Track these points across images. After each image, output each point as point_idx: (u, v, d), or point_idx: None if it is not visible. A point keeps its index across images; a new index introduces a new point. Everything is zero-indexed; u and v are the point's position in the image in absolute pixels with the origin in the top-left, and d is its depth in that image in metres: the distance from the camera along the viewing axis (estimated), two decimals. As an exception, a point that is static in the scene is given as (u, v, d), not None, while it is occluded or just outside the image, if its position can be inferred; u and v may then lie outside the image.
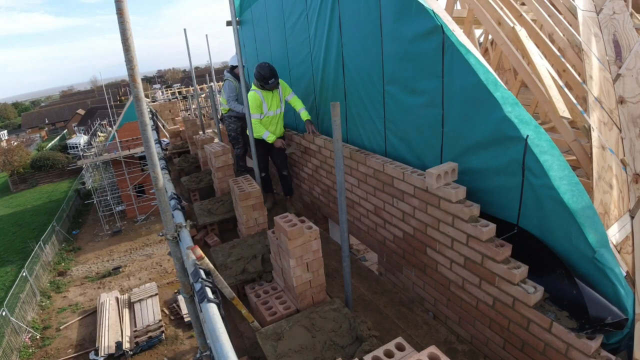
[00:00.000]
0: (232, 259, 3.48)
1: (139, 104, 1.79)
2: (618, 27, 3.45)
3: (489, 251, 2.23)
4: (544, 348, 2.04)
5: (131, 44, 1.66)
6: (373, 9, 3.06)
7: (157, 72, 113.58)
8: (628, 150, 2.75)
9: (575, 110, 2.61)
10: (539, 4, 3.30)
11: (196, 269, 2.06)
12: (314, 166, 4.57)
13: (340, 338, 2.36)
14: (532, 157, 2.10)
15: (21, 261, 17.46)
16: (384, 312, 3.01)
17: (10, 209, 26.96)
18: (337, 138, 2.34)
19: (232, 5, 4.58)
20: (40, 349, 12.29)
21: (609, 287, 1.95)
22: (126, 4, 1.63)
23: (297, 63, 4.81)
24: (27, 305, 13.92)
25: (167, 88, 43.77)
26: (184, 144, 8.54)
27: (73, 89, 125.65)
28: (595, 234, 1.97)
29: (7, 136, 49.91)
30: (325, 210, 4.57)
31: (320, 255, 2.78)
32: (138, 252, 17.97)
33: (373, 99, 3.37)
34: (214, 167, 5.12)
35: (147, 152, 1.90)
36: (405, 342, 1.94)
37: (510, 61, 3.94)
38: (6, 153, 32.93)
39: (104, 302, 12.87)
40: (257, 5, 5.71)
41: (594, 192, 2.30)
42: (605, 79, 3.03)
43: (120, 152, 19.29)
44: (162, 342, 11.70)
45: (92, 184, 21.94)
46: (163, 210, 2.07)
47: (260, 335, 2.44)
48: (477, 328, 2.49)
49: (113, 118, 24.23)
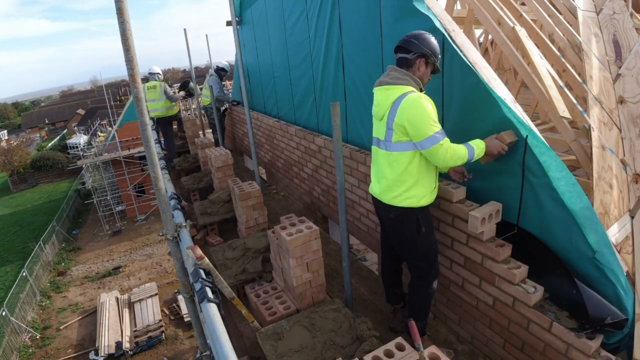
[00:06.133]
0: (232, 259, 3.48)
1: (139, 104, 1.79)
2: (618, 27, 3.45)
3: (489, 251, 2.23)
4: (544, 348, 2.04)
5: (131, 44, 1.66)
6: (373, 9, 3.06)
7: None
8: (628, 150, 2.75)
9: (575, 110, 2.61)
10: (539, 4, 3.30)
11: (196, 269, 2.06)
12: (314, 166, 4.57)
13: (340, 338, 2.36)
14: (532, 157, 2.10)
15: (21, 261, 17.45)
16: (384, 312, 3.01)
17: (10, 209, 26.95)
18: (337, 138, 2.34)
19: (232, 5, 4.59)
20: (40, 349, 12.28)
21: (609, 287, 1.95)
22: (126, 4, 1.63)
23: (297, 63, 4.81)
24: (27, 305, 13.91)
25: (167, 88, 43.61)
26: (184, 144, 8.54)
27: (73, 89, 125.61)
28: (595, 235, 1.97)
29: (7, 136, 49.88)
30: (325, 210, 4.57)
31: (320, 255, 2.78)
32: (138, 252, 17.96)
33: (373, 98, 3.36)
34: (214, 167, 5.12)
35: (147, 152, 1.90)
36: (405, 342, 1.93)
37: (510, 61, 3.94)
38: (6, 153, 32.91)
39: (104, 302, 12.87)
40: (257, 5, 5.71)
41: (594, 192, 2.30)
42: (605, 79, 3.03)
43: (120, 152, 19.28)
44: (162, 342, 11.70)
45: (92, 184, 21.92)
46: (163, 210, 2.07)
47: (260, 335, 2.44)
48: (477, 328, 2.49)
49: (113, 118, 24.21)
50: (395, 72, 2.25)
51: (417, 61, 2.22)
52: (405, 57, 2.23)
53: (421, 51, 2.20)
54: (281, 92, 5.60)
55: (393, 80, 2.22)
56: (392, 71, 2.27)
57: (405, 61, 2.24)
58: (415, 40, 2.21)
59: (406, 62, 2.24)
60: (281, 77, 5.47)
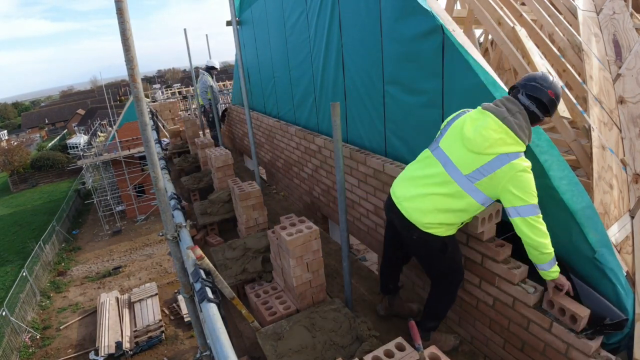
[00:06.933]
0: (232, 259, 3.48)
1: (139, 104, 1.78)
2: (618, 27, 3.45)
3: (489, 251, 2.23)
4: (544, 348, 2.03)
5: (131, 44, 1.66)
6: (373, 9, 3.06)
7: (157, 72, 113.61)
8: (628, 150, 2.75)
9: (575, 110, 2.61)
10: (539, 4, 3.30)
11: (196, 269, 2.06)
12: (314, 166, 4.57)
13: (340, 338, 2.36)
14: (532, 157, 2.09)
15: (21, 261, 17.45)
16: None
17: (10, 209, 26.95)
18: (337, 138, 2.34)
19: (232, 5, 4.58)
20: (40, 349, 12.29)
21: (609, 287, 1.95)
22: (126, 4, 1.63)
23: (297, 63, 4.81)
24: (27, 305, 13.92)
25: (167, 88, 43.79)
26: (184, 144, 8.54)
27: (73, 89, 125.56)
28: (595, 234, 1.97)
29: (7, 136, 49.89)
30: (325, 210, 4.57)
31: (320, 255, 2.78)
32: (138, 252, 17.97)
33: (373, 99, 3.37)
34: (214, 167, 5.12)
35: (147, 152, 1.90)
36: (406, 342, 1.93)
37: (510, 61, 3.94)
38: (6, 153, 32.93)
39: (104, 302, 12.87)
40: (257, 5, 5.71)
41: (594, 192, 2.30)
42: (605, 79, 3.03)
43: (120, 152, 19.29)
44: (162, 342, 11.70)
45: (92, 184, 21.93)
46: (163, 210, 2.07)
47: (260, 335, 2.44)
48: (477, 328, 2.49)
49: (113, 118, 24.22)
50: (518, 115, 1.89)
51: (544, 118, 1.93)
52: (535, 113, 1.92)
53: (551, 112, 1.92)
54: (281, 92, 5.60)
55: (511, 126, 1.86)
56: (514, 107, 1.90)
57: (532, 116, 1.92)
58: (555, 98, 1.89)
59: (532, 117, 1.92)
60: (281, 77, 5.46)
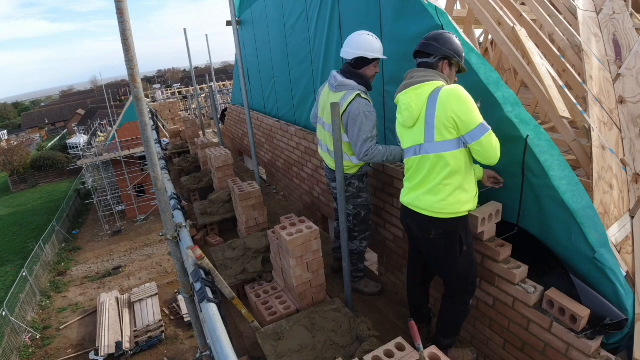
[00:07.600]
0: (232, 259, 3.48)
1: (139, 104, 1.78)
2: (618, 27, 3.45)
3: (489, 251, 2.23)
4: (544, 348, 2.04)
5: (131, 44, 1.66)
6: (373, 9, 3.06)
7: (157, 72, 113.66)
8: (628, 150, 2.75)
9: (575, 110, 2.61)
10: (539, 4, 3.30)
11: (196, 269, 2.06)
12: (314, 166, 4.56)
13: (340, 338, 2.36)
14: (532, 157, 2.10)
15: (21, 261, 17.45)
16: (384, 312, 3.01)
17: (10, 209, 26.94)
18: (337, 138, 2.34)
19: (232, 5, 4.58)
20: (40, 349, 12.28)
21: (609, 287, 1.95)
22: (126, 4, 1.63)
23: (297, 63, 4.81)
24: (27, 305, 13.91)
25: (167, 88, 43.81)
26: (184, 144, 8.55)
27: (73, 89, 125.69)
28: (595, 234, 1.97)
29: (7, 136, 49.87)
30: (325, 210, 4.57)
31: (320, 255, 2.78)
32: (138, 252, 17.97)
33: (373, 99, 3.36)
34: (214, 167, 5.12)
35: (147, 152, 1.90)
36: (405, 342, 1.93)
37: (510, 61, 3.94)
38: (6, 153, 32.90)
39: (104, 302, 12.87)
40: (257, 5, 5.71)
41: (594, 192, 2.30)
42: (605, 79, 3.03)
43: (120, 152, 19.30)
44: (162, 342, 11.70)
45: (92, 184, 21.92)
46: (163, 210, 2.07)
47: (260, 335, 2.44)
48: (477, 328, 2.49)
49: (113, 118, 24.24)
50: (419, 72, 2.08)
51: (440, 64, 2.07)
52: (426, 62, 2.09)
53: (443, 53, 2.04)
54: (281, 92, 5.60)
55: (420, 79, 2.04)
56: (415, 72, 2.10)
57: (427, 66, 2.09)
58: (434, 42, 2.05)
59: (428, 67, 2.08)
60: (281, 77, 5.47)
